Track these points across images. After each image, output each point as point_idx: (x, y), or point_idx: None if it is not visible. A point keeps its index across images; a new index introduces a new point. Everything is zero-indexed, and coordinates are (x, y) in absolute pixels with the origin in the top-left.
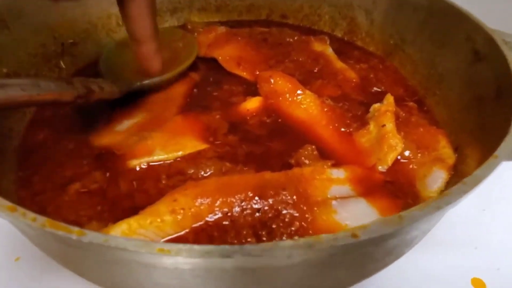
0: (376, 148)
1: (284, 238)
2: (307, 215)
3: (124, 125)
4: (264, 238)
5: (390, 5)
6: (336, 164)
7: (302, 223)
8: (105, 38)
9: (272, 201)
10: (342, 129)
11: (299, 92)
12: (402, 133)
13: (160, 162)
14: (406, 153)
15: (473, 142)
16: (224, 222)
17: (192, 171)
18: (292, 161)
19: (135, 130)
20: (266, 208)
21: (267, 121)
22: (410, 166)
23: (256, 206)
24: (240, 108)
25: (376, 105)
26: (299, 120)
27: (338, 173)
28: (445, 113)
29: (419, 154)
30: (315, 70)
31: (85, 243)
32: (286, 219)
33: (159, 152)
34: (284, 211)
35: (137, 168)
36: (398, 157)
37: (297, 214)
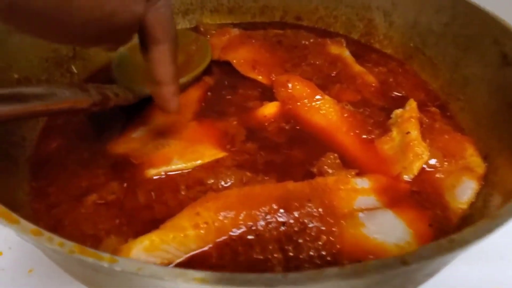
0: (400, 156)
1: (311, 253)
2: (334, 229)
3: (140, 132)
4: (291, 254)
5: (411, 6)
6: (359, 173)
7: (330, 237)
8: None
9: (298, 214)
10: (364, 136)
11: (317, 97)
12: (427, 141)
13: (178, 172)
14: (432, 161)
15: (504, 150)
16: (248, 237)
17: (212, 181)
18: (314, 169)
19: (150, 137)
20: (291, 221)
21: (286, 127)
22: (437, 175)
23: (281, 219)
24: (257, 114)
25: (398, 110)
26: (319, 127)
27: (362, 182)
28: (470, 119)
29: (445, 163)
30: (332, 74)
31: (117, 271)
32: (313, 233)
33: (177, 161)
34: (310, 225)
35: (155, 178)
36: (424, 165)
37: (323, 228)
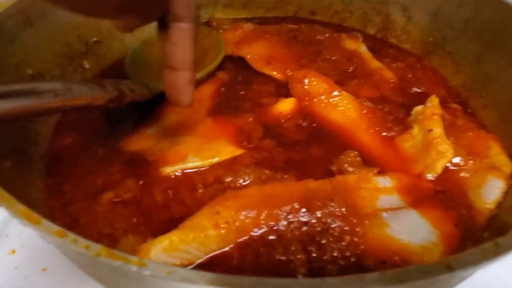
0: (422, 154)
1: (335, 254)
2: (357, 229)
3: (154, 128)
4: (314, 254)
5: (430, 1)
6: (381, 172)
7: (353, 237)
8: (129, 36)
9: (320, 214)
10: (384, 133)
11: (335, 93)
12: (451, 138)
13: (195, 169)
14: (456, 160)
15: None
16: (270, 237)
17: (230, 179)
18: (334, 168)
19: (165, 134)
20: (314, 221)
21: (303, 124)
22: (461, 174)
23: (303, 219)
24: (273, 110)
25: (419, 107)
26: (337, 124)
27: (384, 181)
28: (493, 116)
29: (470, 161)
30: (349, 69)
31: (146, 276)
32: (336, 233)
33: (193, 159)
34: (333, 225)
35: (171, 176)
36: (447, 164)
37: (347, 228)
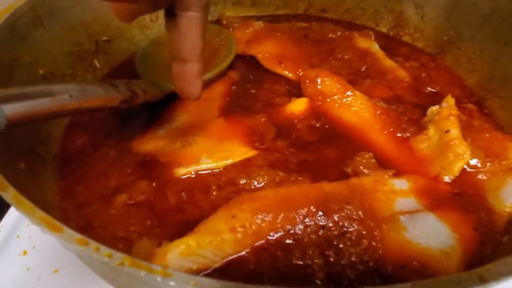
0: (438, 156)
1: (353, 259)
2: (375, 233)
3: (165, 129)
4: (332, 259)
5: None
6: (396, 174)
7: (371, 241)
8: (139, 34)
9: (337, 217)
10: (398, 134)
11: (348, 93)
12: (468, 140)
13: (208, 171)
14: (473, 161)
15: None
16: (287, 241)
17: (244, 181)
18: (349, 169)
19: (177, 135)
20: (330, 224)
21: (316, 125)
22: (479, 177)
23: (320, 223)
24: (285, 111)
25: (434, 107)
26: (350, 124)
27: (400, 183)
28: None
29: (488, 163)
30: (362, 69)
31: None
32: (353, 237)
33: (206, 160)
34: (351, 228)
35: (185, 177)
36: (465, 166)
37: (364, 232)
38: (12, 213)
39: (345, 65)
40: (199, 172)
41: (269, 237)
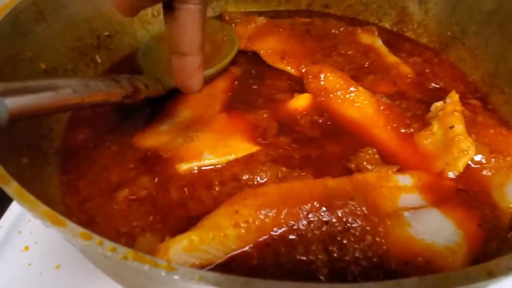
0: (442, 151)
1: (357, 255)
2: (379, 229)
3: (167, 124)
4: (335, 255)
5: None
6: (400, 170)
7: (375, 237)
8: (140, 30)
9: (341, 213)
10: (402, 130)
11: (352, 89)
12: (473, 136)
13: (211, 166)
14: (477, 157)
15: None
16: (290, 236)
17: (247, 177)
18: (352, 165)
19: (179, 130)
20: (334, 220)
21: (319, 121)
22: (483, 173)
23: (323, 218)
24: (287, 106)
25: (438, 103)
26: (353, 120)
27: (404, 179)
28: None
29: (492, 159)
30: (365, 64)
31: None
32: (357, 233)
33: (208, 156)
34: (354, 224)
35: (187, 173)
36: (469, 162)
37: (368, 228)
38: (14, 209)
39: (348, 61)
40: (201, 168)
41: (272, 233)
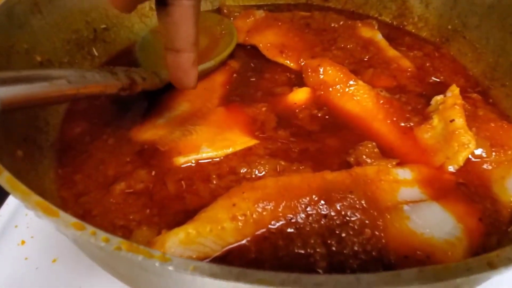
0: (443, 145)
1: (355, 248)
2: (378, 222)
3: (165, 117)
4: (334, 248)
5: None
6: (400, 163)
7: (374, 231)
8: (138, 23)
9: (340, 206)
10: (402, 124)
11: (351, 82)
12: (473, 129)
13: (209, 160)
14: (478, 151)
15: None
16: (288, 230)
17: (245, 170)
18: (351, 159)
19: (177, 124)
20: (333, 213)
21: (318, 114)
22: (484, 166)
23: (322, 212)
24: (286, 100)
25: (438, 97)
26: (353, 114)
27: (404, 173)
28: None
29: (493, 153)
30: (365, 58)
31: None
32: (356, 227)
33: (206, 149)
34: (353, 217)
35: (184, 166)
36: (469, 156)
37: (367, 221)
38: (10, 203)
39: (348, 54)
40: (199, 161)
41: (270, 226)
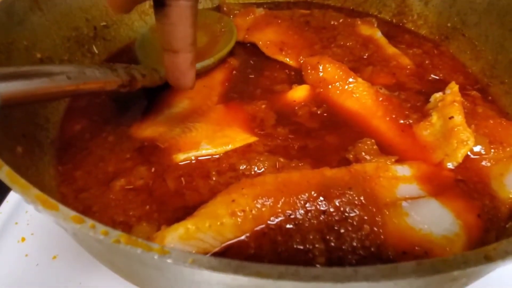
0: (441, 142)
1: (354, 244)
2: (377, 218)
3: (165, 115)
4: (333, 244)
5: None
6: (398, 160)
7: (373, 227)
8: (138, 21)
9: (338, 202)
10: (401, 121)
11: (350, 80)
12: (472, 126)
13: (208, 157)
14: (477, 148)
15: None
16: (287, 226)
17: (244, 167)
18: (350, 156)
19: (176, 121)
20: (331, 209)
21: (318, 112)
22: (483, 163)
23: (321, 208)
24: (286, 97)
25: (438, 94)
26: (352, 111)
27: (403, 170)
28: None
29: (492, 150)
30: (365, 56)
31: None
32: (355, 222)
33: (206, 146)
34: (352, 214)
35: (184, 163)
36: (468, 153)
37: (366, 217)
38: (11, 200)
39: (347, 52)
40: (199, 158)
41: (269, 222)
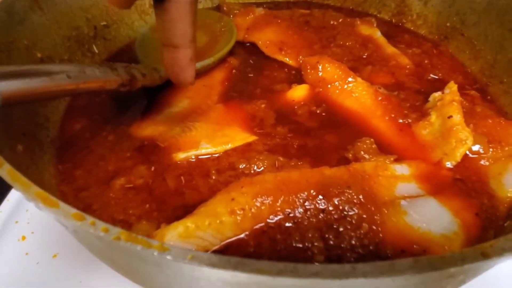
0: (440, 141)
1: (353, 242)
2: (376, 217)
3: (165, 114)
4: (332, 242)
5: None
6: (397, 159)
7: (372, 225)
8: (138, 20)
9: (337, 201)
10: (400, 120)
11: (350, 79)
12: (471, 125)
13: (208, 156)
14: (475, 147)
15: None
16: (287, 224)
17: (244, 165)
18: (349, 155)
19: (176, 120)
20: (331, 208)
21: (317, 111)
22: (481, 162)
23: (320, 206)
24: (285, 97)
25: (437, 94)
26: (351, 111)
27: (402, 169)
28: None
29: (490, 149)
30: (364, 55)
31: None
32: (353, 221)
33: (206, 145)
34: (351, 212)
35: (184, 162)
36: (467, 152)
37: (365, 216)
38: (11, 198)
39: (347, 52)
40: (198, 157)
41: (268, 220)
